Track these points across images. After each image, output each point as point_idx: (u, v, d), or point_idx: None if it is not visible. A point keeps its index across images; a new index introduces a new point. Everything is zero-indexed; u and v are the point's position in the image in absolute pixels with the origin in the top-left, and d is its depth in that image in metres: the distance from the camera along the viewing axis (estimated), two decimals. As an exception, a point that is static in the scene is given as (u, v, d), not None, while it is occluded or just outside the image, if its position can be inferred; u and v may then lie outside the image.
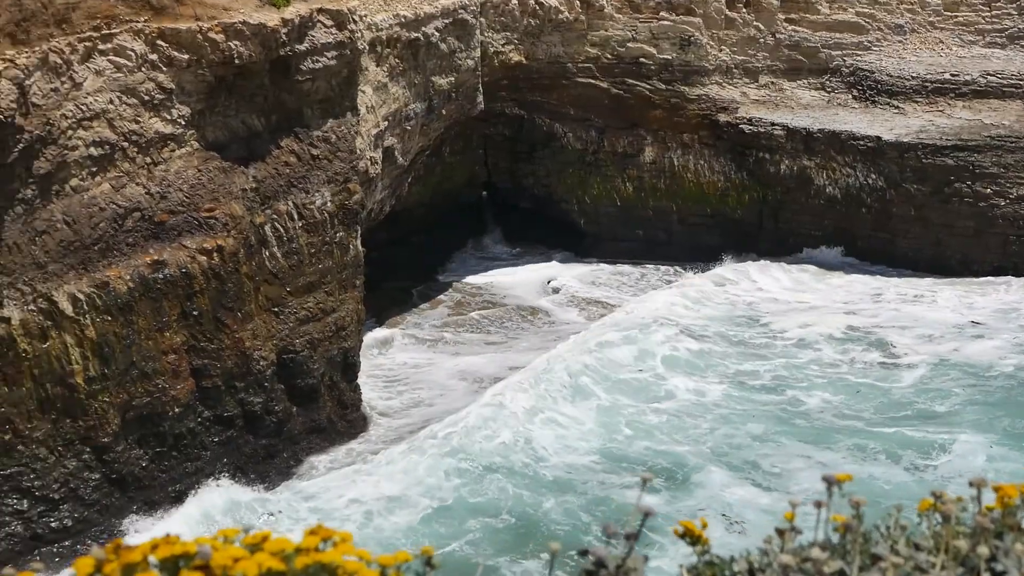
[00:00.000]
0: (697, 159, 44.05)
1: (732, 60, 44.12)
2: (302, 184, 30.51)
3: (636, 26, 43.51)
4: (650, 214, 44.75)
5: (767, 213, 43.62)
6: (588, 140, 44.89)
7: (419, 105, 37.59)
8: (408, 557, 2.97)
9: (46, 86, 25.08)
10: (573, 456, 28.68)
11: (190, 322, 27.69)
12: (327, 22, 30.89)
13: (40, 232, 24.99)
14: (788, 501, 3.84)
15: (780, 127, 42.51)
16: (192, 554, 2.59)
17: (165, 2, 27.96)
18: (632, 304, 39.29)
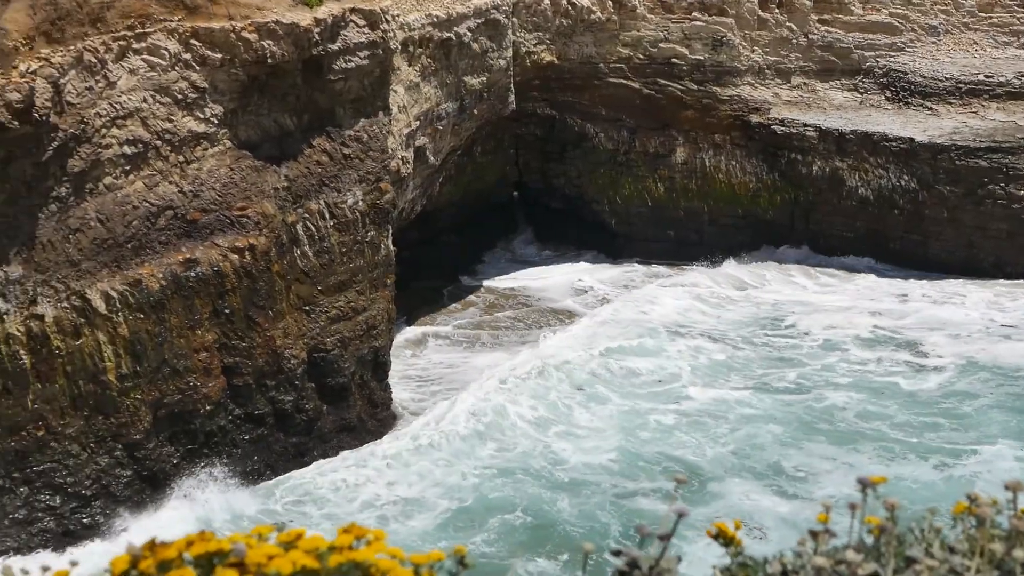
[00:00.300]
0: (729, 160, 43.92)
1: (764, 61, 43.97)
2: (334, 183, 30.56)
3: (668, 26, 43.42)
4: (681, 215, 44.64)
5: (799, 214, 43.46)
6: (619, 140, 44.80)
7: (451, 105, 37.60)
8: (441, 556, 2.97)
9: (80, 85, 25.21)
10: (590, 458, 28.50)
11: (222, 320, 27.78)
12: (360, 22, 30.93)
13: (74, 230, 25.13)
14: (821, 503, 3.82)
15: (812, 128, 42.35)
16: (226, 551, 2.60)
17: (199, 1, 28.06)
18: (652, 305, 39.22)
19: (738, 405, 31.40)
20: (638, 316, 38.24)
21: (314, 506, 26.76)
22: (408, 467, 28.27)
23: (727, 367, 34.15)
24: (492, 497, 26.49)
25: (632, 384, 33.02)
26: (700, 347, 35.62)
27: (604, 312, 38.73)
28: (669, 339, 36.19)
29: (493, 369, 33.74)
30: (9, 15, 24.16)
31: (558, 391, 32.37)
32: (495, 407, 31.17)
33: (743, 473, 27.69)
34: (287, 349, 29.06)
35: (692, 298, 40.15)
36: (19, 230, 23.93)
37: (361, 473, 28.20)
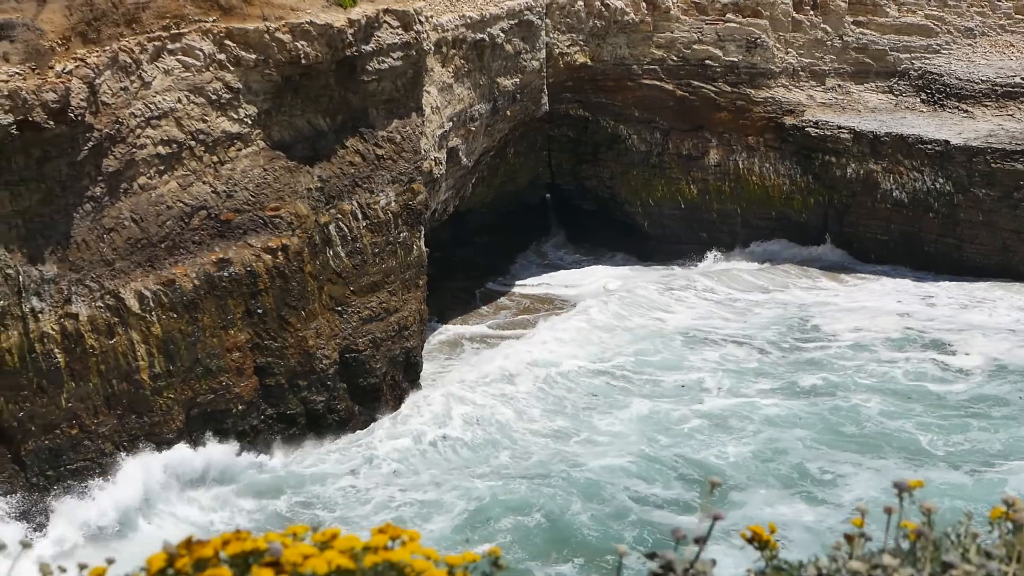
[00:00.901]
0: (762, 162, 43.75)
1: (799, 62, 43.80)
2: (367, 184, 30.63)
3: (702, 28, 43.30)
4: (714, 217, 44.50)
5: (832, 217, 43.27)
6: (652, 142, 44.70)
7: (484, 106, 37.63)
8: (476, 557, 2.97)
9: (116, 85, 25.34)
10: (609, 461, 28.32)
11: (254, 320, 27.88)
12: (393, 23, 30.99)
13: (108, 229, 25.25)
14: (856, 507, 3.79)
15: (847, 130, 42.15)
16: (262, 550, 2.60)
17: (233, 2, 28.17)
18: (674, 310, 39.11)
19: (762, 408, 31.18)
20: (659, 320, 38.09)
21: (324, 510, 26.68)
22: (421, 471, 28.14)
23: (751, 370, 33.95)
24: (507, 500, 26.29)
25: (652, 388, 32.81)
26: (724, 350, 35.44)
27: (616, 314, 38.54)
28: (692, 343, 36.02)
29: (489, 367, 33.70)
30: (45, 15, 24.31)
31: (573, 396, 32.25)
32: (508, 405, 31.31)
33: (767, 478, 27.44)
34: (319, 349, 29.14)
35: (715, 303, 40.00)
36: (54, 229, 24.07)
37: (372, 476, 28.15)
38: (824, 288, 41.15)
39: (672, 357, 34.90)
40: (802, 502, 26.42)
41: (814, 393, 32.20)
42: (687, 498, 26.45)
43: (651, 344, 35.79)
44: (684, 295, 40.57)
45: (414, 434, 29.68)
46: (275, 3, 29.05)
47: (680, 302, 39.88)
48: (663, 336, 36.53)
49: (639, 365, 34.39)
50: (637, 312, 38.77)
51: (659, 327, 37.41)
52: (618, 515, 25.74)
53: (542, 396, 31.99)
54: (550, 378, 33.07)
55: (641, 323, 37.81)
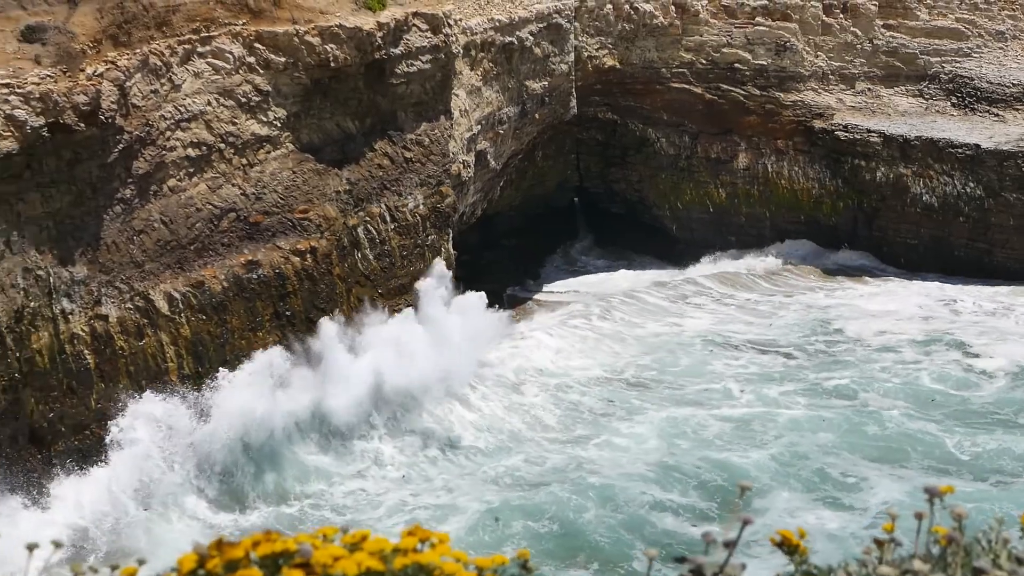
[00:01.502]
0: (791, 166, 43.64)
1: (828, 66, 43.67)
2: (395, 186, 30.69)
3: (731, 31, 43.23)
4: (743, 220, 44.41)
5: (862, 221, 43.12)
6: (681, 145, 44.64)
7: (512, 109, 37.64)
8: (504, 560, 2.96)
9: (146, 88, 25.46)
10: (628, 468, 28.15)
11: (283, 322, 27.94)
12: (422, 26, 31.05)
13: (138, 231, 25.36)
14: (887, 512, 3.78)
15: (876, 134, 41.99)
16: (292, 552, 2.60)
17: (263, 5, 28.27)
18: (696, 314, 38.97)
19: (784, 413, 30.98)
20: (679, 324, 37.96)
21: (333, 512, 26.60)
22: (433, 476, 28.04)
23: (773, 374, 33.78)
24: (521, 506, 26.17)
25: (672, 393, 32.66)
26: (746, 354, 35.30)
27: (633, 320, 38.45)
28: (714, 346, 35.87)
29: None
30: (77, 18, 24.44)
31: (588, 401, 32.13)
32: (526, 408, 31.15)
33: (790, 483, 27.23)
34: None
35: (736, 306, 39.88)
36: (84, 231, 24.18)
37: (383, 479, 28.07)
38: (847, 291, 40.96)
39: (692, 362, 34.75)
40: (825, 507, 26.22)
41: (837, 396, 32.01)
42: (705, 506, 26.25)
43: (670, 350, 35.65)
44: (700, 301, 40.49)
45: (423, 437, 29.56)
46: (304, 6, 29.14)
47: (698, 308, 39.76)
48: (681, 342, 36.39)
49: (659, 370, 34.28)
50: (653, 317, 38.67)
51: (677, 332, 37.29)
52: (634, 523, 25.53)
53: (556, 402, 31.81)
54: (563, 385, 32.91)
55: (657, 329, 37.67)
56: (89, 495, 24.07)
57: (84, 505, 23.94)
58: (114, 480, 24.44)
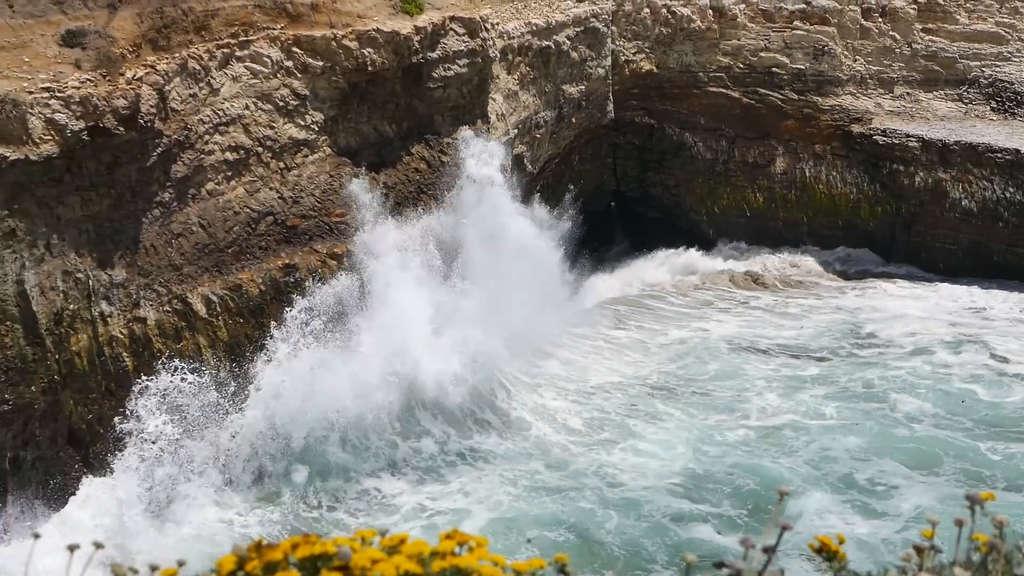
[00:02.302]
0: (829, 170, 43.45)
1: (867, 70, 43.47)
2: (431, 190, 30.74)
3: (769, 35, 43.11)
4: (780, 225, 44.27)
5: (900, 226, 42.89)
6: (718, 150, 44.53)
7: (549, 113, 37.66)
8: (542, 564, 2.96)
9: (185, 92, 25.60)
10: (651, 477, 27.97)
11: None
12: (459, 30, 31.11)
13: (176, 235, 25.50)
14: (927, 518, 3.76)
15: (915, 139, 41.75)
16: (331, 554, 2.61)
17: (301, 10, 28.38)
18: (722, 318, 38.83)
19: (813, 418, 30.87)
20: (706, 328, 37.84)
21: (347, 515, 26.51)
22: (450, 480, 27.93)
23: (803, 377, 33.63)
24: (537, 514, 25.87)
25: (701, 398, 32.53)
26: (775, 357, 35.17)
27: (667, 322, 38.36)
28: (741, 350, 35.75)
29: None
30: (117, 23, 24.60)
31: (612, 405, 32.00)
32: (550, 415, 30.98)
33: (819, 488, 27.09)
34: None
35: (764, 309, 39.77)
36: (123, 234, 24.33)
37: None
38: (876, 293, 40.82)
39: (721, 367, 34.63)
40: (855, 513, 26.11)
41: (866, 400, 31.86)
42: (734, 514, 26.15)
43: (696, 354, 35.55)
44: (736, 303, 40.41)
45: (438, 440, 29.48)
46: (342, 11, 29.25)
47: (726, 313, 39.67)
48: (708, 346, 36.30)
49: (686, 375, 34.24)
50: (676, 322, 38.61)
51: (703, 336, 37.18)
52: (656, 530, 25.43)
53: (581, 406, 31.70)
54: (586, 391, 32.80)
55: (681, 335, 37.55)
56: (107, 494, 24.21)
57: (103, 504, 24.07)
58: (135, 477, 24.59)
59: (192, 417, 25.18)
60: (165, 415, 24.68)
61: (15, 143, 21.65)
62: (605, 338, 36.56)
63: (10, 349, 21.85)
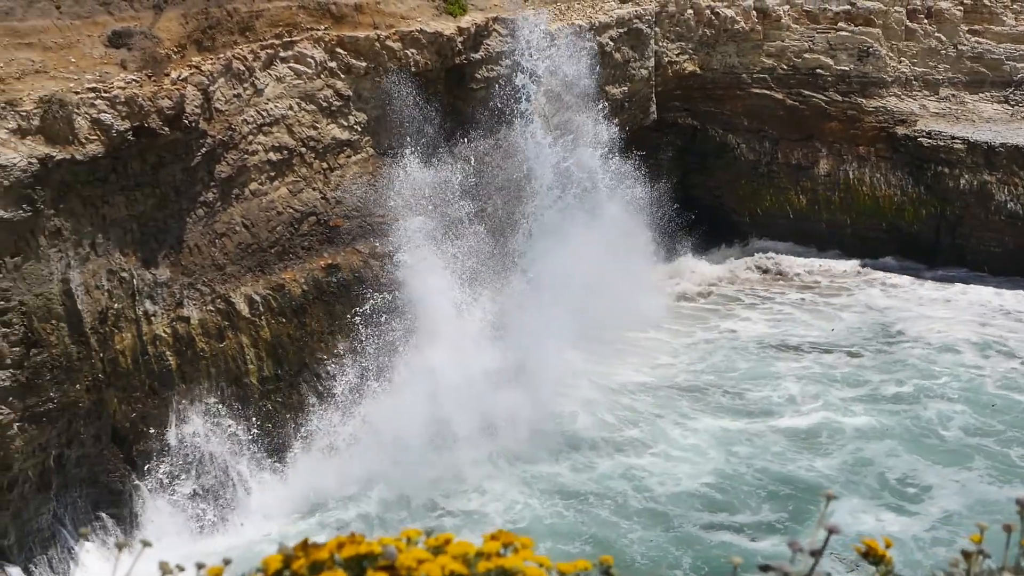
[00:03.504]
0: (873, 172, 43.22)
1: (912, 72, 43.19)
2: (473, 191, 30.76)
3: (813, 36, 42.91)
4: (823, 227, 44.06)
5: (944, 228, 42.59)
6: (761, 151, 44.38)
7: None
8: (588, 565, 2.95)
9: (229, 92, 25.73)
10: (680, 485, 27.88)
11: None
12: (502, 31, 31.11)
13: (220, 234, 25.63)
14: (976, 524, 3.73)
15: (960, 141, 41.46)
16: (377, 554, 2.61)
17: (345, 11, 28.46)
18: (749, 318, 38.78)
19: (846, 418, 30.77)
20: (735, 328, 37.80)
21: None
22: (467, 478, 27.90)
23: (833, 378, 33.52)
24: (553, 523, 25.74)
25: (732, 399, 32.45)
26: (805, 357, 35.07)
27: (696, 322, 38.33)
28: (770, 351, 35.67)
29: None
30: (162, 24, 24.75)
31: (641, 406, 31.94)
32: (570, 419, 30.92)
33: (855, 489, 27.02)
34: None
35: (794, 305, 39.68)
36: (168, 234, 24.47)
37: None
38: (906, 292, 40.66)
39: (751, 366, 34.59)
40: (889, 513, 26.08)
41: (897, 401, 31.78)
42: (773, 519, 26.06)
43: (726, 354, 35.49)
44: (768, 303, 40.34)
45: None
46: (386, 11, 29.32)
47: (752, 312, 39.62)
48: (741, 341, 36.28)
49: (718, 375, 34.19)
50: (702, 324, 38.55)
51: (731, 336, 37.14)
52: (686, 539, 25.36)
53: (611, 406, 31.66)
54: (613, 390, 32.78)
55: (707, 336, 37.48)
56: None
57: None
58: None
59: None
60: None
61: (61, 143, 21.82)
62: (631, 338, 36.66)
63: (55, 348, 22.01)
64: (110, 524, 23.70)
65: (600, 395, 31.98)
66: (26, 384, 21.48)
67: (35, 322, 21.56)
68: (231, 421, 25.89)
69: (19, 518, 21.89)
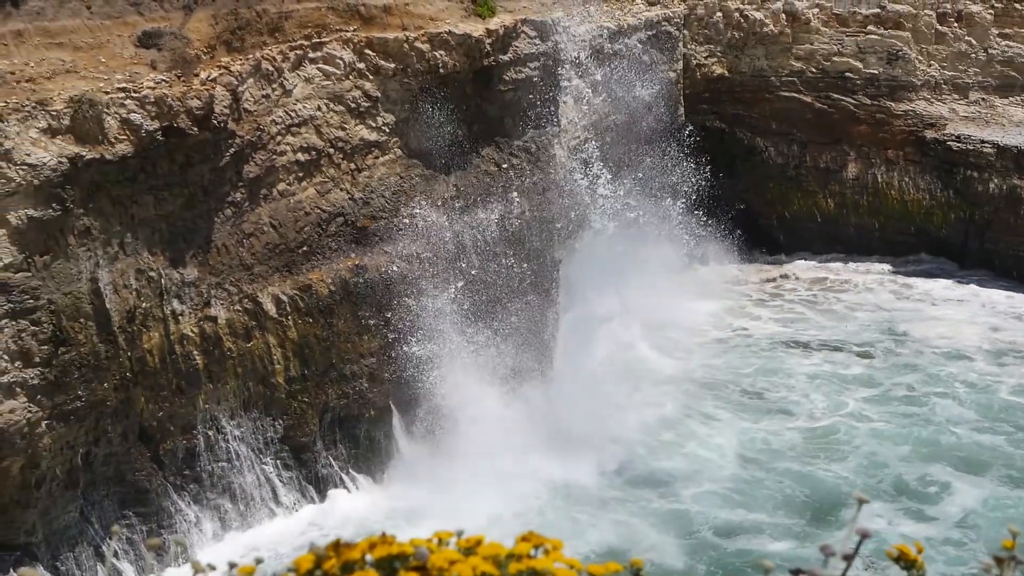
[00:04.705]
0: (902, 176, 43.07)
1: (941, 75, 43.01)
2: (502, 193, 30.74)
3: (842, 40, 42.79)
4: (852, 231, 43.93)
5: (973, 233, 42.40)
6: (790, 155, 44.27)
7: (620, 117, 37.58)
8: (618, 568, 2.94)
9: (258, 93, 25.79)
10: (702, 485, 28.01)
11: (387, 328, 28.12)
12: (531, 33, 31.07)
13: (248, 235, 25.68)
14: (1008, 528, 3.70)
15: (990, 145, 41.28)
16: (408, 555, 2.60)
17: (374, 12, 28.49)
18: (760, 317, 38.87)
19: (860, 421, 30.85)
20: (745, 328, 37.85)
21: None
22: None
23: (846, 380, 33.54)
24: (563, 525, 25.87)
25: (749, 401, 32.50)
26: (820, 359, 35.12)
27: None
28: (782, 350, 35.72)
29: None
30: (192, 24, 24.83)
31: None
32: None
33: (872, 492, 27.04)
34: (452, 357, 29.33)
35: (805, 304, 39.74)
36: (196, 234, 24.55)
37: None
38: (919, 295, 40.59)
39: (765, 366, 34.71)
40: (904, 516, 26.20)
41: (910, 404, 31.82)
42: (788, 523, 26.10)
43: (740, 353, 35.60)
44: (778, 302, 40.47)
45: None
46: (415, 13, 29.33)
47: (763, 310, 39.72)
48: (751, 341, 36.36)
49: (733, 375, 34.23)
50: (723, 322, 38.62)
51: (745, 335, 37.22)
52: (705, 543, 25.39)
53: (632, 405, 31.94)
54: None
55: (721, 336, 37.53)
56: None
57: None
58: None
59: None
60: None
61: (91, 142, 21.92)
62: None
63: (84, 346, 22.11)
64: (136, 522, 23.80)
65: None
66: (54, 382, 21.59)
67: (64, 321, 21.66)
68: (258, 420, 25.98)
69: (46, 516, 22.00)
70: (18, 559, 21.32)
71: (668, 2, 40.68)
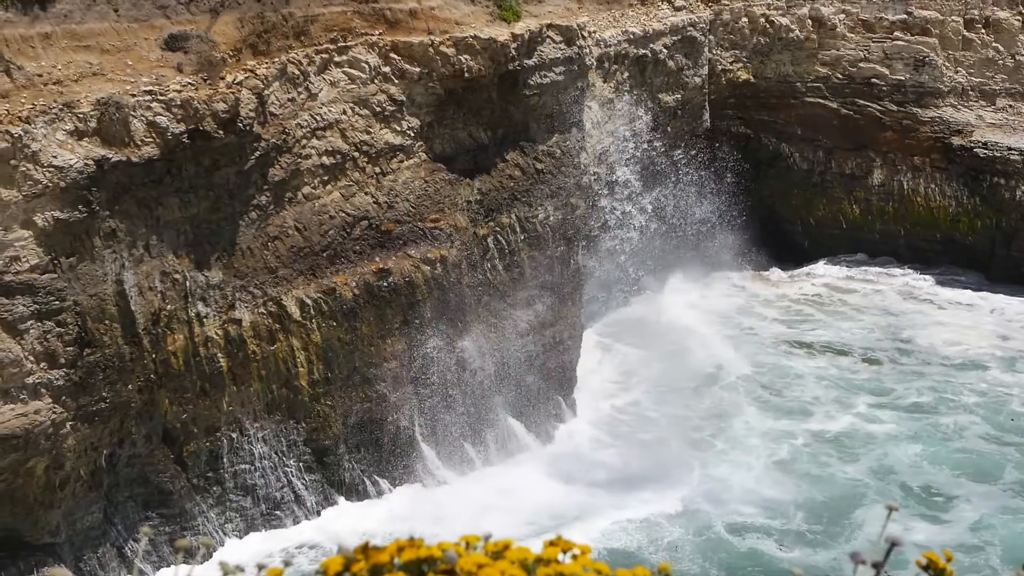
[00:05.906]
0: (928, 183, 42.88)
1: (968, 82, 42.81)
2: (525, 197, 30.71)
3: (869, 46, 42.62)
4: (877, 237, 43.77)
5: (1000, 240, 42.18)
6: (815, 160, 44.12)
7: (644, 121, 37.55)
8: (647, 573, 2.92)
9: (283, 96, 25.83)
10: (717, 484, 28.01)
11: (411, 330, 28.11)
12: (556, 37, 31.05)
13: (272, 238, 25.72)
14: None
15: (1017, 151, 41.07)
16: (437, 558, 2.59)
17: (399, 16, 28.51)
18: (766, 317, 38.91)
19: (870, 425, 30.87)
20: (751, 329, 37.85)
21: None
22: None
23: (855, 385, 33.55)
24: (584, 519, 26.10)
25: (762, 404, 32.54)
26: (829, 361, 35.15)
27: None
28: (790, 352, 35.71)
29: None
30: (218, 28, 24.90)
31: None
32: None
33: (885, 496, 27.05)
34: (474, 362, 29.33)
35: (813, 305, 39.78)
36: (221, 236, 24.60)
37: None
38: (928, 303, 40.47)
39: (780, 366, 34.79)
40: (916, 520, 26.30)
41: (920, 411, 31.86)
42: (806, 529, 26.16)
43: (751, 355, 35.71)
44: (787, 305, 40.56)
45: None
46: (440, 17, 29.34)
47: (769, 309, 39.79)
48: (759, 344, 36.43)
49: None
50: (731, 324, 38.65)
51: (753, 337, 37.25)
52: (719, 544, 25.43)
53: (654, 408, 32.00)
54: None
55: (731, 334, 37.68)
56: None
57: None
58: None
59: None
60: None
61: (117, 145, 22.00)
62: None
63: (108, 348, 22.18)
64: (159, 523, 23.86)
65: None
66: (79, 383, 21.66)
67: (89, 322, 21.74)
68: (281, 423, 26.03)
69: (70, 516, 22.08)
70: (40, 559, 21.41)
71: (694, 7, 40.61)
